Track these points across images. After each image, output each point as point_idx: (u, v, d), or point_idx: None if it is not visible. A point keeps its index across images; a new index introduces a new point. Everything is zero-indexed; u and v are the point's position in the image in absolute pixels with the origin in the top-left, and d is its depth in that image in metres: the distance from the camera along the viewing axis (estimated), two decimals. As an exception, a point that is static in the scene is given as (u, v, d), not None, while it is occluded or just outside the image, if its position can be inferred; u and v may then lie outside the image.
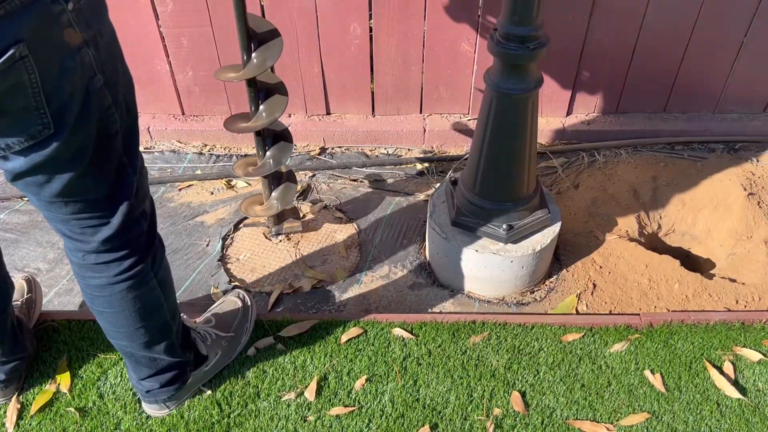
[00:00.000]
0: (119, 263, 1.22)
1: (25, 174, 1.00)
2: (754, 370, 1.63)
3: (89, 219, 1.13)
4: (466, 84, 2.32)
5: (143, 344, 1.36)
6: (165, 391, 1.49)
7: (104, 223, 1.15)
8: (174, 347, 1.44)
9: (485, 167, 1.66)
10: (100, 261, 1.21)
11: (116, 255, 1.21)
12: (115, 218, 1.15)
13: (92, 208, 1.12)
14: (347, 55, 2.25)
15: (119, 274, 1.23)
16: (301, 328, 1.71)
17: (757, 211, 2.09)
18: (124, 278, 1.24)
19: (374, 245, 2.05)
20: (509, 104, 1.53)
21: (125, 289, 1.25)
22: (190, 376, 1.54)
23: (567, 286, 1.91)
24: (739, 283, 1.89)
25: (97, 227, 1.15)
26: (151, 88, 2.37)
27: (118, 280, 1.24)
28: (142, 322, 1.32)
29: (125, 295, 1.26)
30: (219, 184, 2.29)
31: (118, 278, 1.24)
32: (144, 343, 1.36)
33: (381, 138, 2.43)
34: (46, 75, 0.89)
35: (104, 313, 1.30)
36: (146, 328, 1.34)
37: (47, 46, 0.87)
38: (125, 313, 1.29)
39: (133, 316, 1.30)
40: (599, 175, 2.28)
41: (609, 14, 2.13)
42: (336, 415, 1.52)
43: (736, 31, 2.19)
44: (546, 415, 1.53)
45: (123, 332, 1.33)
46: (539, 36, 1.43)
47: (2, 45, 0.82)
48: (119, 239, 1.19)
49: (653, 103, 2.42)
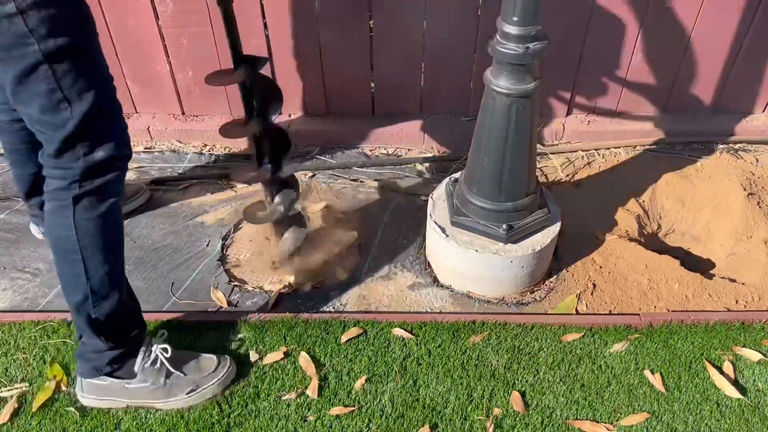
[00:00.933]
0: (50, 180, 1.31)
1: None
2: (753, 370, 1.63)
3: (37, 129, 1.25)
4: (465, 84, 2.33)
5: (63, 288, 1.40)
6: (79, 365, 1.50)
7: (46, 138, 1.25)
8: (92, 322, 1.40)
9: (485, 167, 1.66)
10: (45, 171, 1.31)
11: (50, 171, 1.30)
12: (53, 138, 1.23)
13: (34, 122, 1.24)
14: (347, 54, 2.26)
15: (48, 191, 1.32)
16: (301, 328, 1.71)
17: (757, 211, 2.09)
18: (48, 197, 1.32)
19: (374, 245, 2.05)
20: (509, 104, 1.53)
21: (48, 207, 1.33)
22: (103, 370, 1.48)
23: (567, 286, 1.91)
24: (739, 283, 1.89)
25: (44, 140, 1.26)
26: (151, 88, 2.38)
27: (47, 198, 1.33)
28: (56, 255, 1.37)
29: (47, 213, 1.33)
30: (220, 184, 2.29)
31: (47, 196, 1.33)
32: (63, 287, 1.39)
33: (381, 138, 2.43)
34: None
35: None
36: (60, 268, 1.38)
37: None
38: (47, 234, 1.37)
39: (50, 242, 1.36)
40: (599, 175, 2.28)
41: (609, 14, 2.13)
42: (336, 415, 1.52)
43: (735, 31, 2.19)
44: (546, 415, 1.53)
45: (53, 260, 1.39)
46: (539, 36, 1.43)
47: None
48: (54, 158, 1.27)
49: (653, 103, 2.42)
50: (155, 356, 1.52)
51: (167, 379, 1.52)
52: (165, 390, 1.52)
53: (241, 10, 2.14)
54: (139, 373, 1.50)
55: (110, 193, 1.33)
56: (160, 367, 1.52)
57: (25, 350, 1.67)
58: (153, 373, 1.51)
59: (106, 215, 1.33)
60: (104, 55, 1.28)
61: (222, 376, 1.56)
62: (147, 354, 1.51)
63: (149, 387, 1.51)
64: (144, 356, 1.51)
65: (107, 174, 1.30)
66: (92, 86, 1.21)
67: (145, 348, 1.52)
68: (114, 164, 1.30)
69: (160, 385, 1.51)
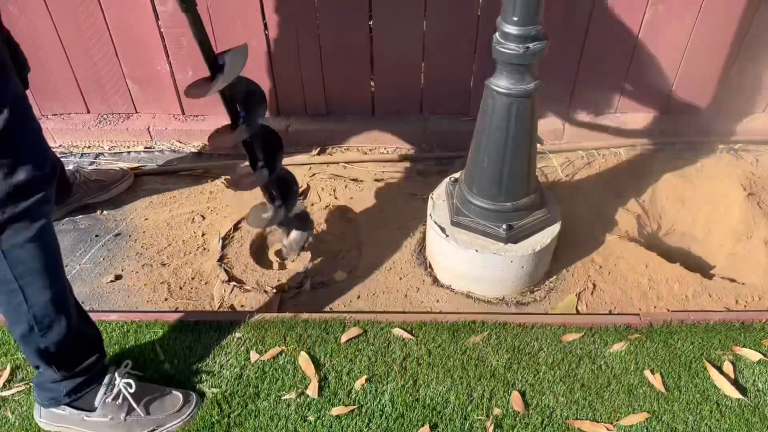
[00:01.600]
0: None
1: None
2: (753, 370, 1.63)
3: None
4: (465, 84, 2.33)
5: (6, 321, 1.31)
6: (37, 394, 1.42)
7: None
8: (41, 353, 1.33)
9: (485, 167, 1.66)
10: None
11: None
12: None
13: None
14: (347, 54, 2.25)
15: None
16: (301, 328, 1.71)
17: (757, 211, 2.09)
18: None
19: (374, 245, 2.04)
20: (509, 104, 1.53)
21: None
22: (62, 401, 1.41)
23: (567, 286, 1.91)
24: (739, 283, 1.89)
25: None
26: (151, 88, 2.38)
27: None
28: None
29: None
30: (219, 183, 2.29)
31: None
32: (6, 319, 1.30)
33: (381, 138, 2.43)
34: None
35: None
36: (0, 299, 1.27)
37: None
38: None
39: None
40: (599, 175, 2.28)
41: (609, 14, 2.13)
42: (336, 415, 1.52)
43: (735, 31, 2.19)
44: (546, 415, 1.53)
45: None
46: (539, 36, 1.43)
47: None
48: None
49: (653, 103, 2.42)
50: (118, 390, 1.45)
51: (128, 416, 1.45)
52: (125, 426, 1.46)
53: (241, 10, 2.15)
54: (99, 407, 1.44)
55: (38, 215, 1.24)
56: (122, 403, 1.45)
57: (25, 350, 1.67)
58: (114, 408, 1.44)
59: (36, 239, 1.23)
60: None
61: (186, 416, 1.49)
62: (110, 388, 1.45)
63: (108, 422, 1.45)
64: (106, 390, 1.44)
65: (31, 196, 1.20)
66: (5, 104, 1.13)
67: (108, 381, 1.45)
68: (37, 185, 1.21)
69: (120, 422, 1.45)
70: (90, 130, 2.43)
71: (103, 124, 2.44)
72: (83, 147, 2.45)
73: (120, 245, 2.05)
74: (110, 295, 1.89)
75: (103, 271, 1.96)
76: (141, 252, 2.02)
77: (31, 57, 2.23)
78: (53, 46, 2.23)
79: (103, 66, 2.29)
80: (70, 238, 2.06)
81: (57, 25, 2.18)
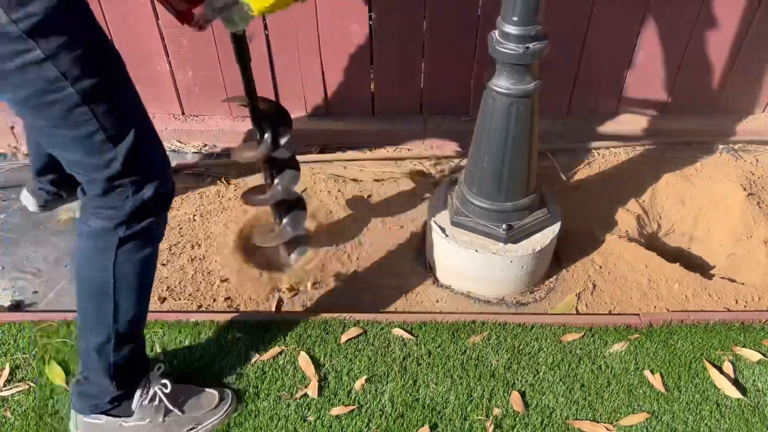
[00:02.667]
0: (95, 220, 1.24)
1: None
2: (753, 370, 1.63)
3: (77, 172, 1.19)
4: (465, 84, 2.33)
5: (84, 326, 1.34)
6: (76, 401, 1.42)
7: (88, 180, 1.19)
8: (109, 366, 1.34)
9: (485, 167, 1.66)
10: (87, 210, 1.26)
11: (96, 212, 1.23)
12: (97, 179, 1.18)
13: (73, 165, 1.19)
14: (347, 54, 2.25)
15: (86, 225, 1.26)
16: (301, 328, 1.71)
17: (757, 211, 2.09)
18: (87, 232, 1.26)
19: (374, 245, 2.04)
20: (509, 105, 1.53)
21: (86, 246, 1.27)
22: (103, 408, 1.40)
23: (567, 286, 1.91)
24: (738, 283, 1.89)
25: (85, 181, 1.21)
26: (151, 88, 2.37)
27: (82, 232, 1.27)
28: (83, 294, 1.31)
29: (81, 251, 1.28)
30: (220, 183, 2.29)
31: (83, 229, 1.26)
32: (84, 325, 1.33)
33: (381, 138, 2.43)
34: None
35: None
36: (85, 306, 1.31)
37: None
38: (77, 272, 1.31)
39: (80, 281, 1.30)
40: (599, 175, 2.28)
41: (610, 13, 2.13)
42: (336, 415, 1.52)
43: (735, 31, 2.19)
44: (546, 415, 1.53)
45: (76, 297, 1.32)
46: (539, 36, 1.43)
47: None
48: (100, 198, 1.20)
49: (652, 103, 2.42)
50: (153, 393, 1.44)
51: (166, 417, 1.45)
52: (163, 428, 1.45)
53: (241, 10, 2.15)
54: (136, 412, 1.43)
55: (155, 236, 1.30)
56: (159, 405, 1.44)
57: (25, 350, 1.67)
58: (151, 411, 1.44)
59: (146, 260, 1.29)
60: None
61: (222, 414, 1.50)
62: (145, 391, 1.44)
63: (147, 425, 1.44)
64: (142, 393, 1.43)
65: (154, 215, 1.26)
66: (133, 122, 1.17)
67: (143, 384, 1.44)
68: (161, 202, 1.26)
69: (158, 423, 1.44)
70: (90, 130, 2.43)
71: (103, 124, 2.43)
72: (83, 147, 2.45)
73: (120, 245, 2.04)
74: (110, 295, 1.89)
75: (103, 271, 1.96)
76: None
77: (31, 57, 2.24)
78: (53, 46, 2.23)
79: (103, 66, 2.29)
80: (70, 238, 2.06)
81: (57, 25, 2.18)
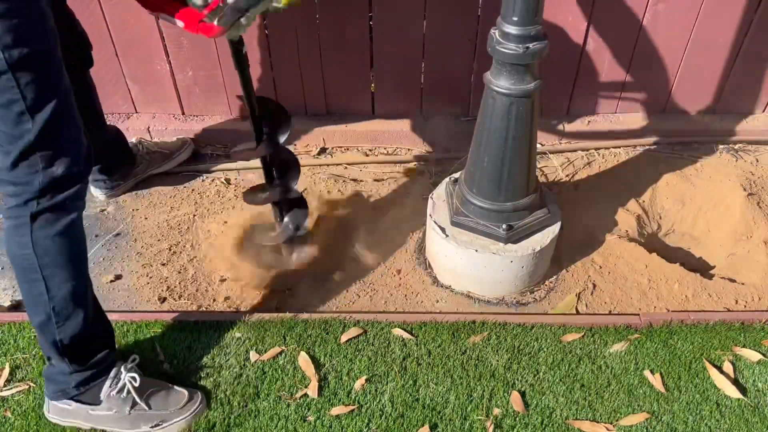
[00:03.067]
0: (6, 198, 1.26)
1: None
2: (753, 370, 1.63)
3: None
4: (465, 84, 2.33)
5: (26, 309, 1.36)
6: (46, 386, 1.45)
7: (2, 151, 1.21)
8: (57, 344, 1.36)
9: (485, 167, 1.66)
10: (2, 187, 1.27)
11: (5, 188, 1.25)
12: (10, 151, 1.19)
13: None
14: (347, 54, 2.25)
15: (3, 209, 1.27)
16: (301, 328, 1.71)
17: (757, 211, 2.09)
18: (4, 215, 1.27)
19: (374, 245, 2.04)
20: (509, 104, 1.53)
21: (5, 225, 1.28)
22: (70, 394, 1.43)
23: (567, 286, 1.91)
24: (738, 283, 1.89)
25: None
26: (151, 88, 2.37)
27: (3, 215, 1.28)
28: (16, 274, 1.33)
29: (4, 231, 1.29)
30: (220, 183, 2.29)
31: (2, 213, 1.28)
32: (26, 307, 1.35)
33: (381, 138, 2.43)
34: None
35: None
36: (21, 287, 1.34)
37: None
38: (6, 253, 1.32)
39: (10, 260, 1.32)
40: (599, 175, 2.28)
41: (609, 14, 2.13)
42: (336, 415, 1.52)
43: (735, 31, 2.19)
44: (546, 415, 1.53)
45: None
46: (539, 36, 1.43)
47: None
48: (9, 172, 1.22)
49: (653, 103, 2.42)
50: (123, 384, 1.46)
51: (132, 410, 1.46)
52: (129, 420, 1.47)
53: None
54: (104, 401, 1.45)
55: (70, 209, 1.29)
56: (126, 396, 1.46)
57: (25, 350, 1.67)
58: (118, 401, 1.46)
59: (66, 232, 1.28)
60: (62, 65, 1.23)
61: (189, 415, 1.49)
62: (115, 381, 1.46)
63: (113, 415, 1.46)
64: (112, 383, 1.45)
65: (67, 190, 1.25)
66: (54, 96, 1.18)
67: (114, 374, 1.46)
68: (73, 179, 1.26)
69: (124, 415, 1.46)
70: (90, 130, 2.43)
71: (103, 123, 2.44)
72: (83, 147, 2.45)
73: (120, 245, 2.05)
74: (110, 295, 1.89)
75: (103, 271, 1.96)
76: (141, 252, 2.02)
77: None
78: (53, 46, 2.23)
79: (103, 66, 2.29)
80: (70, 238, 2.06)
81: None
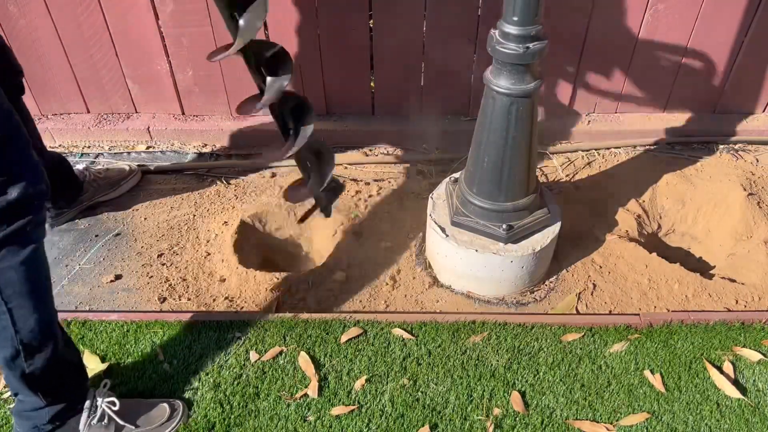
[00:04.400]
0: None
1: None
2: (753, 370, 1.63)
3: None
4: (465, 84, 2.33)
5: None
6: (17, 424, 1.35)
7: None
8: (26, 378, 1.28)
9: (485, 167, 1.66)
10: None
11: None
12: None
13: None
14: (347, 54, 2.25)
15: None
16: (301, 328, 1.71)
17: (757, 211, 2.09)
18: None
19: (374, 245, 2.04)
20: (509, 104, 1.53)
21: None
22: (44, 429, 1.35)
23: (567, 286, 1.91)
24: (738, 283, 1.89)
25: None
26: (151, 88, 2.37)
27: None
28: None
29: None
30: (221, 183, 2.29)
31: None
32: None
33: (381, 138, 2.43)
34: None
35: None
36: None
37: None
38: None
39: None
40: (599, 175, 2.28)
41: (610, 14, 2.13)
42: (336, 415, 1.52)
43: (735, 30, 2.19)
44: (546, 415, 1.53)
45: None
46: (539, 36, 1.43)
47: None
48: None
49: (653, 103, 2.42)
50: (101, 412, 1.41)
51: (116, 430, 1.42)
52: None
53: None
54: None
55: (31, 238, 1.20)
56: (109, 423, 1.41)
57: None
58: (101, 430, 1.41)
59: (29, 262, 1.19)
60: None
61: (174, 425, 1.48)
62: (92, 410, 1.40)
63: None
64: (89, 413, 1.40)
65: (25, 216, 1.16)
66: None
67: (88, 405, 1.40)
68: (31, 203, 1.17)
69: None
70: (90, 130, 2.43)
71: (103, 124, 2.44)
72: (83, 147, 2.45)
73: (120, 245, 2.05)
74: (110, 295, 1.89)
75: (103, 271, 1.96)
76: (141, 252, 2.02)
77: (31, 57, 2.24)
78: (53, 46, 2.23)
79: (103, 66, 2.29)
80: (70, 238, 2.06)
81: (57, 24, 2.18)
